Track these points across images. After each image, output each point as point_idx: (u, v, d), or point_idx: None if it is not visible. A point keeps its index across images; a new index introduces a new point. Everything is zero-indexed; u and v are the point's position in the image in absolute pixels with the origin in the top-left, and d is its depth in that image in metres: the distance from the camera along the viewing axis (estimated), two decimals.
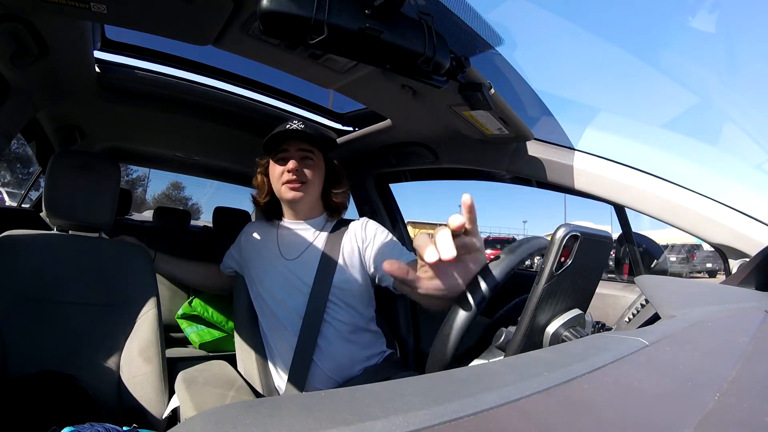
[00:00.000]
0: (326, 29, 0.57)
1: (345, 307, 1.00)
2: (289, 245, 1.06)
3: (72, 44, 0.98)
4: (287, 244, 1.06)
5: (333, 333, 0.98)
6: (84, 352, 1.01)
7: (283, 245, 1.06)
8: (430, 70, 0.70)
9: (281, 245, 1.06)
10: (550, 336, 0.57)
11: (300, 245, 1.05)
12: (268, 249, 1.07)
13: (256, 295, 1.07)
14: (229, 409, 0.22)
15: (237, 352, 1.15)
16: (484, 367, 0.35)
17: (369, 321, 1.07)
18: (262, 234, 1.11)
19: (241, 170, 2.30)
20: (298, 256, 1.03)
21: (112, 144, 1.91)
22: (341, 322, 1.00)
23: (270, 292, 1.03)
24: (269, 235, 1.10)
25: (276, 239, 1.08)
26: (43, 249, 1.04)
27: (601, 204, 1.08)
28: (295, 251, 1.05)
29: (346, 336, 0.99)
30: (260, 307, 1.06)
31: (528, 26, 1.07)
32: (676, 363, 0.38)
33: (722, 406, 0.28)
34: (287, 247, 1.06)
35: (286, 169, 1.02)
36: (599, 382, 0.31)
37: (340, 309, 1.00)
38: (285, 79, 1.26)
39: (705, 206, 0.97)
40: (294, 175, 1.02)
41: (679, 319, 0.52)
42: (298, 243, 1.06)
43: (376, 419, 0.21)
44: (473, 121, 1.09)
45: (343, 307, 1.00)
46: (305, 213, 1.09)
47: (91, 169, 1.09)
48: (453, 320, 0.51)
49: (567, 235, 0.52)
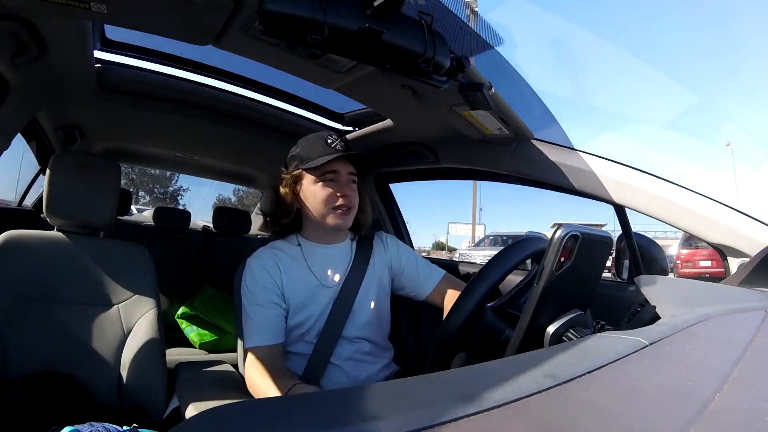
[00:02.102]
0: (326, 29, 0.57)
1: (364, 326, 0.97)
2: (323, 271, 0.97)
3: (72, 44, 0.98)
4: (322, 270, 0.97)
5: (348, 349, 0.95)
6: (84, 352, 1.01)
7: (317, 271, 0.97)
8: (430, 70, 0.70)
9: (315, 271, 0.97)
10: (550, 336, 0.57)
11: (335, 269, 0.98)
12: (304, 277, 0.96)
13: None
14: (229, 409, 0.22)
15: (239, 353, 1.15)
16: (484, 367, 0.35)
17: (385, 338, 1.04)
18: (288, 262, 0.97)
19: (240, 170, 2.30)
20: (337, 282, 0.97)
21: (112, 144, 1.90)
22: (359, 338, 0.97)
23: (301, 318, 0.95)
24: (296, 261, 0.97)
25: (305, 264, 0.97)
26: (43, 249, 1.04)
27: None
28: (331, 277, 0.98)
29: (360, 356, 0.97)
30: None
31: (528, 26, 1.07)
32: (676, 363, 0.38)
33: (722, 405, 0.28)
34: (322, 273, 0.97)
35: (339, 194, 0.93)
36: (599, 382, 0.31)
37: (360, 328, 0.97)
38: (285, 79, 1.26)
39: (705, 206, 0.97)
40: (345, 202, 0.93)
41: (679, 319, 0.52)
42: (333, 267, 0.98)
43: (376, 419, 0.21)
44: (473, 121, 1.09)
45: (362, 325, 0.97)
46: (340, 236, 1.02)
47: (91, 169, 1.09)
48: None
49: (567, 236, 0.53)
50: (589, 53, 47.29)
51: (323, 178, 0.93)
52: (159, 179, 17.88)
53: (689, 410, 0.28)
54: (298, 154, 0.96)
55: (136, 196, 17.36)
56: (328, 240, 1.00)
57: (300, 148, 0.96)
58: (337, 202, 0.93)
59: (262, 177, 2.35)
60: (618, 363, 0.35)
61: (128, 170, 16.50)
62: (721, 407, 0.28)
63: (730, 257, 0.96)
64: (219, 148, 1.90)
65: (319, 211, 0.94)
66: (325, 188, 0.93)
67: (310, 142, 0.96)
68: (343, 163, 0.94)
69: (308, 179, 0.94)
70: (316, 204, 0.94)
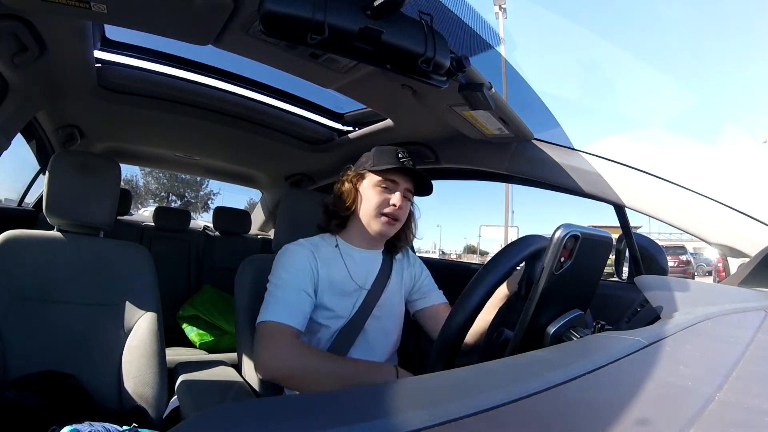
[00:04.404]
0: (326, 29, 0.57)
1: (380, 331, 1.00)
2: (360, 273, 1.00)
3: (72, 44, 0.98)
4: (359, 273, 1.00)
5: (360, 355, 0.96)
6: (84, 351, 1.01)
7: (354, 273, 0.99)
8: (430, 69, 0.70)
9: (353, 273, 0.99)
10: (550, 336, 0.57)
11: (370, 273, 1.01)
12: (341, 276, 0.98)
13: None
14: (229, 409, 0.22)
15: (238, 352, 1.16)
16: (484, 367, 0.35)
17: (395, 345, 1.06)
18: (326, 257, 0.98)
19: (240, 170, 2.30)
20: (371, 286, 1.00)
21: (112, 144, 1.91)
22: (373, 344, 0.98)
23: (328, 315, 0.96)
24: (334, 259, 0.99)
25: (344, 264, 0.99)
26: (43, 249, 1.04)
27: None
28: (368, 280, 1.00)
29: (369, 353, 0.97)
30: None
31: (528, 26, 1.07)
32: (675, 363, 0.38)
33: (722, 405, 0.28)
34: (358, 276, 0.99)
35: (392, 203, 0.96)
36: (599, 382, 0.31)
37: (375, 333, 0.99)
38: (285, 79, 1.25)
39: (705, 206, 0.97)
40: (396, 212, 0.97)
41: (679, 319, 0.52)
42: (368, 271, 1.01)
43: (376, 419, 0.21)
44: (473, 121, 1.09)
45: (378, 331, 0.99)
46: (377, 245, 1.05)
47: (91, 169, 1.09)
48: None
49: (567, 236, 0.53)
50: (589, 53, 47.25)
51: (382, 184, 0.97)
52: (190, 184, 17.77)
53: (689, 410, 0.28)
54: (369, 157, 1.00)
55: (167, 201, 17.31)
56: (366, 246, 1.03)
57: (372, 153, 1.00)
58: (387, 210, 0.96)
59: (262, 177, 2.35)
60: (618, 363, 0.35)
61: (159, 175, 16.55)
62: (721, 407, 0.28)
63: (730, 257, 0.96)
64: (219, 148, 1.90)
65: (368, 214, 0.97)
66: (381, 193, 0.97)
67: (383, 152, 0.99)
68: (405, 178, 0.99)
69: (369, 181, 0.99)
70: (368, 205, 0.97)
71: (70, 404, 0.88)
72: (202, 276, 2.22)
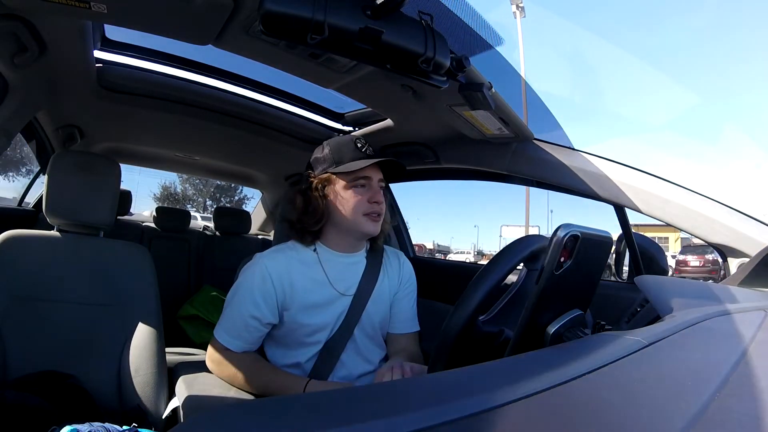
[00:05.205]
0: (326, 29, 0.57)
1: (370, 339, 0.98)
2: (341, 279, 0.95)
3: (72, 43, 0.98)
4: (339, 279, 0.95)
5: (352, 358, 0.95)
6: (84, 352, 1.01)
7: (334, 280, 0.94)
8: (430, 69, 0.70)
9: (332, 280, 0.94)
10: (550, 336, 0.57)
11: (352, 278, 0.97)
12: (319, 284, 0.93)
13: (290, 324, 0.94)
14: (230, 409, 0.22)
15: None
16: (484, 367, 0.35)
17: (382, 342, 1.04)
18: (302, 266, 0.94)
19: (240, 170, 2.30)
20: (351, 291, 0.96)
21: (112, 144, 1.91)
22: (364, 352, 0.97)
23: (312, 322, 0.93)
24: (311, 266, 0.94)
25: (322, 271, 0.94)
26: (43, 249, 1.04)
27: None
28: (347, 286, 0.96)
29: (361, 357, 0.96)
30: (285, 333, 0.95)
31: (528, 26, 1.07)
32: (675, 363, 0.38)
33: (722, 405, 0.28)
34: (339, 282, 0.95)
35: (372, 201, 0.91)
36: (599, 382, 0.31)
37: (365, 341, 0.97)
38: (285, 79, 1.25)
39: (705, 206, 0.97)
40: (377, 209, 0.91)
41: (679, 319, 0.52)
42: (351, 276, 0.97)
43: (376, 419, 0.21)
44: (473, 121, 1.09)
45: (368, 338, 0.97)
46: (360, 246, 0.99)
47: (91, 169, 1.09)
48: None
49: (567, 236, 0.52)
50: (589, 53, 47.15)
51: (355, 184, 0.91)
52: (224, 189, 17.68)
53: (690, 410, 0.28)
54: (326, 157, 0.93)
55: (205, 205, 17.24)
56: (348, 249, 0.97)
57: (328, 150, 0.93)
58: (368, 210, 0.91)
59: (262, 177, 2.35)
60: (618, 363, 0.35)
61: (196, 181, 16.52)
62: (721, 407, 0.28)
63: (730, 257, 0.96)
64: (219, 147, 1.90)
65: (350, 218, 0.91)
66: (357, 194, 0.91)
67: (340, 145, 0.93)
68: (375, 169, 0.93)
69: (339, 184, 0.91)
70: (346, 210, 0.91)
71: (70, 404, 0.88)
72: (202, 276, 2.22)
